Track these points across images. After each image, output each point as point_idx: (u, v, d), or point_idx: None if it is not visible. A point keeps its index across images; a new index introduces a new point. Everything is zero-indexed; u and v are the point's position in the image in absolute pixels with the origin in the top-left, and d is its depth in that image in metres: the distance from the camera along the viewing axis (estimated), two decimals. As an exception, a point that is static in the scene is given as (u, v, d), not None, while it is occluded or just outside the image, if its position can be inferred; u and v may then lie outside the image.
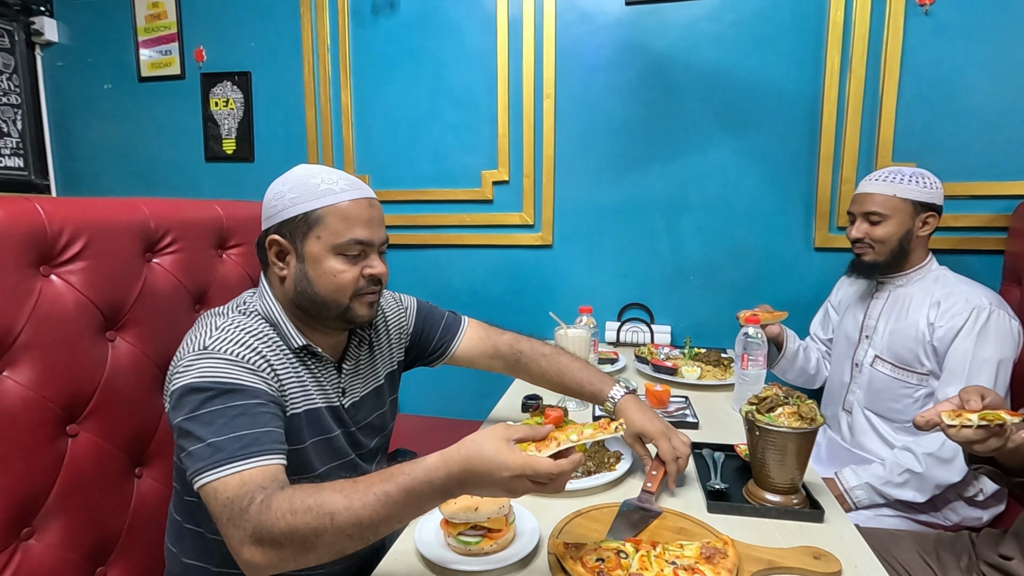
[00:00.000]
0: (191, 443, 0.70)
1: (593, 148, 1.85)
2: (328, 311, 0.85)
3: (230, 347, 0.77)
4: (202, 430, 0.70)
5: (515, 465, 0.60)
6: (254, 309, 0.87)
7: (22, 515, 0.83)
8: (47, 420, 0.86)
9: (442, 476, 0.61)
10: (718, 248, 1.81)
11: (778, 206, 1.75)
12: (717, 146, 1.77)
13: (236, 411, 0.72)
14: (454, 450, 0.63)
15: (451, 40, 1.88)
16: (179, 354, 0.79)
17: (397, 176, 1.98)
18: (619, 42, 1.79)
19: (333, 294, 0.84)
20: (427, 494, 0.62)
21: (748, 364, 1.21)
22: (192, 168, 2.15)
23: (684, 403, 1.26)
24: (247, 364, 0.77)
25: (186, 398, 0.73)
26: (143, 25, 2.11)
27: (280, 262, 0.86)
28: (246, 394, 0.74)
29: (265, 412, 0.74)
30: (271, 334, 0.84)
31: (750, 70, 1.71)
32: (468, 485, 0.62)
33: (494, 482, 0.61)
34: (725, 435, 1.12)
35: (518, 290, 1.95)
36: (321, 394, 0.89)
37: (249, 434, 0.70)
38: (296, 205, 0.83)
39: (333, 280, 0.83)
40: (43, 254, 0.88)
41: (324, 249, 0.82)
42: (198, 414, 0.71)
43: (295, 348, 0.86)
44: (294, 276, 0.84)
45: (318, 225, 0.82)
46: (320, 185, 0.84)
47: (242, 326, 0.81)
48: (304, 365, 0.87)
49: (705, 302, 1.84)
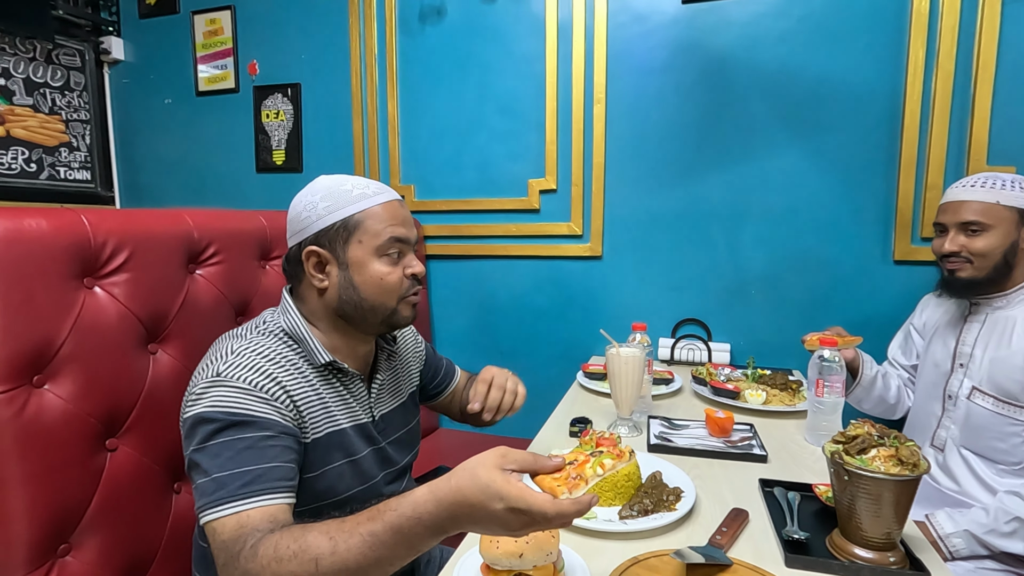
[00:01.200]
0: (198, 476, 0.69)
1: (646, 154, 1.75)
2: (375, 315, 0.84)
3: (243, 373, 0.74)
4: (208, 463, 0.69)
5: (511, 496, 0.52)
6: (277, 327, 0.84)
7: (59, 531, 0.82)
8: (87, 434, 0.85)
9: (431, 511, 0.55)
10: (783, 260, 1.67)
11: (852, 215, 1.60)
12: (782, 151, 1.64)
13: (244, 444, 0.70)
14: (444, 480, 0.56)
15: (498, 45, 1.84)
16: (194, 380, 0.77)
17: (442, 185, 1.95)
18: (674, 42, 1.70)
19: (381, 297, 0.83)
20: (416, 532, 0.56)
21: (824, 391, 1.09)
22: (244, 179, 2.19)
23: (749, 432, 1.15)
24: (260, 392, 0.74)
25: (196, 429, 0.71)
26: (201, 41, 2.17)
27: (319, 273, 0.84)
28: (255, 426, 0.72)
29: (274, 446, 0.72)
30: (291, 355, 0.81)
31: (820, 68, 1.58)
32: (460, 520, 0.55)
33: (488, 515, 0.53)
34: (799, 471, 1.00)
35: (565, 303, 1.87)
36: (347, 413, 0.86)
37: (253, 471, 0.68)
38: (332, 213, 0.82)
39: (380, 283, 0.82)
40: (87, 265, 0.87)
41: (367, 253, 0.82)
42: (206, 446, 0.70)
43: (320, 365, 0.83)
44: (338, 285, 0.82)
45: (358, 229, 0.81)
46: (353, 191, 0.83)
47: (259, 349, 0.78)
48: (328, 384, 0.84)
49: (768, 319, 1.70)
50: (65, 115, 2.19)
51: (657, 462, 0.99)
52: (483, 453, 0.57)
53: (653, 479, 0.90)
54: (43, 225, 0.81)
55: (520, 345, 1.93)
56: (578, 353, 1.83)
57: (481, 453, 0.57)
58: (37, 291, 0.80)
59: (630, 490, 0.87)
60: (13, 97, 2.03)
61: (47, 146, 2.13)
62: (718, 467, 1.01)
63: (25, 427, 0.78)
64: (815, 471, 0.99)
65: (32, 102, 2.09)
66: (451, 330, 2.00)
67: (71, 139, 2.22)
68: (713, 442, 1.10)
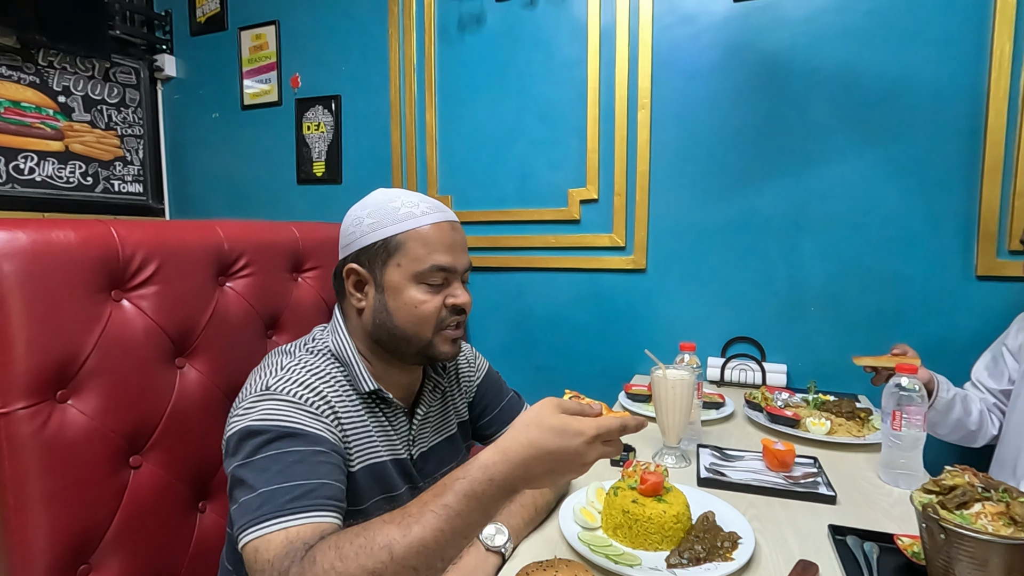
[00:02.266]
0: (242, 492, 0.63)
1: (694, 162, 1.65)
2: (408, 346, 0.78)
3: (293, 388, 0.71)
4: (255, 477, 0.63)
5: (586, 428, 0.57)
6: (325, 347, 0.80)
7: (80, 551, 0.79)
8: (110, 451, 0.83)
9: (503, 471, 0.56)
10: (846, 275, 1.53)
11: (926, 225, 1.45)
12: (846, 157, 1.51)
13: (294, 457, 0.64)
14: (511, 438, 0.57)
15: (538, 51, 1.79)
16: (241, 395, 0.74)
17: (480, 196, 1.90)
18: (725, 44, 1.60)
19: (415, 327, 0.77)
20: (490, 494, 0.56)
21: (902, 424, 0.96)
22: (285, 191, 2.21)
23: (814, 467, 1.03)
24: (309, 408, 0.70)
25: (243, 442, 0.66)
26: (247, 56, 2.22)
27: (358, 293, 0.80)
28: (307, 439, 0.67)
29: (325, 462, 0.66)
30: (339, 377, 0.77)
31: (889, 67, 1.45)
32: (534, 472, 0.57)
33: (568, 455, 0.57)
34: (874, 516, 0.88)
35: (607, 319, 1.78)
36: (387, 446, 0.80)
37: (304, 484, 0.62)
38: (375, 231, 0.77)
39: (414, 312, 0.77)
40: (115, 278, 0.86)
41: (405, 278, 0.76)
42: (253, 460, 0.64)
43: (365, 393, 0.78)
44: (373, 308, 0.78)
45: (398, 252, 0.76)
46: (400, 209, 0.78)
47: (309, 366, 0.75)
48: (371, 413, 0.79)
49: (830, 338, 1.56)
50: (120, 130, 2.28)
51: (708, 499, 0.89)
52: (534, 407, 0.60)
53: (705, 521, 0.81)
54: (71, 237, 0.80)
55: (558, 361, 1.85)
56: (619, 372, 1.74)
57: (531, 408, 0.61)
58: (63, 304, 0.78)
59: (678, 533, 0.78)
60: (72, 114, 2.12)
61: (102, 160, 2.22)
62: (779, 507, 0.90)
63: (47, 443, 0.76)
64: (894, 517, 0.87)
65: (90, 118, 2.17)
66: (486, 344, 1.94)
67: (125, 153, 2.30)
68: (772, 477, 0.99)
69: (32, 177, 2.00)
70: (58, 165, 2.07)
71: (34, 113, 2.00)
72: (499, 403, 1.02)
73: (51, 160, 2.05)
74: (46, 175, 2.04)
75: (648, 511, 0.77)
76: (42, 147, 2.03)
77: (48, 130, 2.04)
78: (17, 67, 1.95)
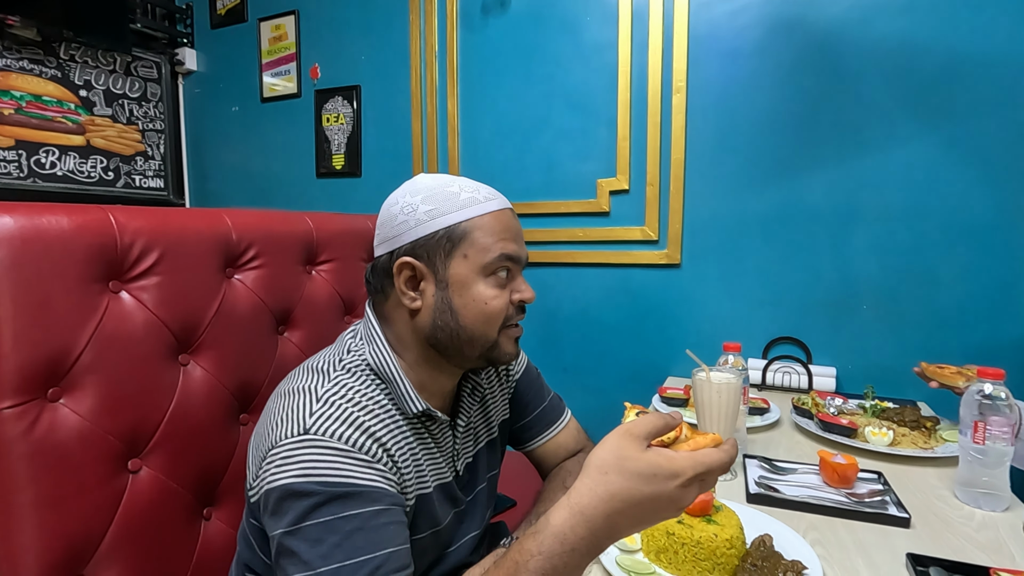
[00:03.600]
0: (295, 567, 0.54)
1: (733, 149, 1.54)
2: (472, 348, 0.69)
3: (339, 429, 0.59)
4: (309, 552, 0.53)
5: (684, 468, 0.47)
6: (363, 361, 0.68)
7: (73, 562, 0.73)
8: (106, 454, 0.76)
9: (584, 535, 0.47)
10: (904, 271, 1.40)
11: (997, 217, 1.32)
12: (905, 142, 1.38)
13: (352, 524, 0.55)
14: (588, 492, 0.47)
15: (566, 35, 1.69)
16: (270, 429, 0.62)
17: (505, 188, 1.76)
18: (768, 21, 1.48)
19: (482, 326, 0.68)
20: (573, 565, 0.47)
21: (985, 436, 0.84)
22: (305, 184, 2.16)
23: (880, 483, 0.92)
24: (361, 454, 0.59)
25: (286, 504, 0.56)
26: (267, 48, 2.18)
27: (412, 291, 0.69)
28: (363, 499, 0.56)
29: (388, 523, 0.57)
30: (383, 401, 0.66)
31: (955, 41, 1.32)
32: (621, 527, 0.48)
33: (662, 502, 0.47)
34: (958, 543, 0.76)
35: (638, 316, 1.67)
36: (434, 470, 0.71)
37: (371, 560, 0.53)
38: (435, 219, 0.67)
39: (484, 309, 0.68)
40: (113, 268, 0.79)
41: (473, 271, 0.67)
42: (302, 527, 0.55)
43: (413, 415, 0.67)
44: (433, 307, 0.68)
45: (464, 241, 0.67)
46: (461, 194, 0.68)
47: (351, 394, 0.64)
48: (418, 436, 0.69)
49: (885, 340, 1.43)
50: (142, 125, 2.26)
51: (761, 519, 0.79)
52: (608, 444, 0.49)
53: (762, 546, 0.71)
54: (64, 223, 0.74)
55: (586, 362, 1.75)
56: (652, 374, 1.63)
57: (604, 444, 0.49)
58: (55, 295, 0.72)
59: (732, 560, 0.68)
60: (94, 108, 2.10)
61: (124, 155, 2.20)
62: (843, 530, 0.80)
63: (37, 445, 0.70)
64: (981, 544, 0.76)
65: (111, 112, 2.16)
66: (511, 343, 1.85)
67: (146, 148, 2.28)
68: (832, 494, 0.88)
69: (54, 172, 1.99)
70: (79, 159, 2.06)
71: (55, 107, 1.99)
72: (540, 403, 0.93)
73: (72, 155, 2.04)
74: (68, 169, 2.03)
75: (697, 534, 0.68)
76: (64, 141, 2.01)
77: (69, 124, 2.03)
78: (39, 61, 1.94)
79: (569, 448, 0.93)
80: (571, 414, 0.96)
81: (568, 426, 0.94)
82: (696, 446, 0.50)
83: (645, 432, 0.49)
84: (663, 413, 0.52)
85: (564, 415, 0.95)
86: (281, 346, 1.03)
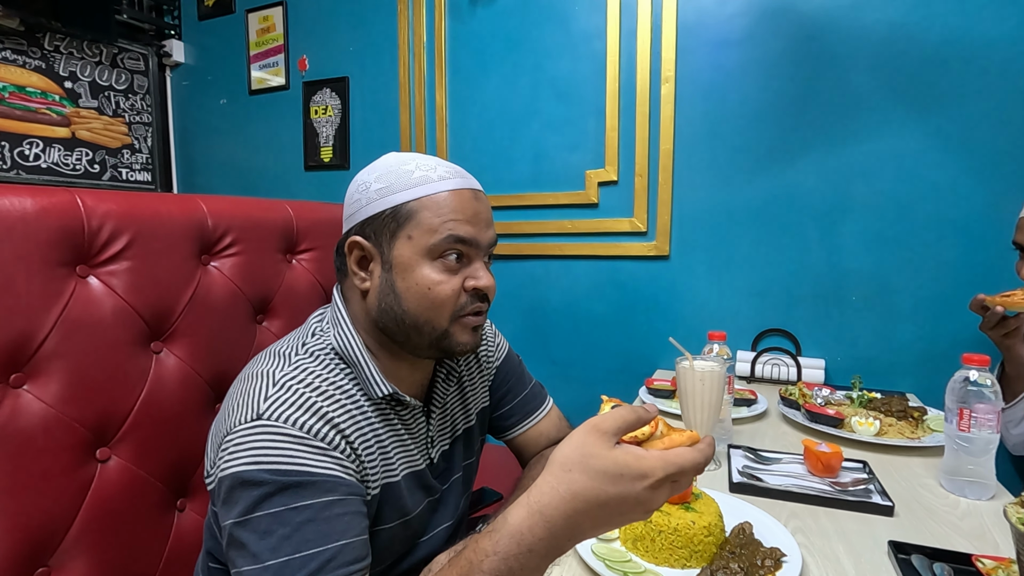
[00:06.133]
0: (244, 560, 0.52)
1: (722, 139, 1.53)
2: (420, 336, 0.66)
3: (292, 414, 0.57)
4: (257, 544, 0.51)
5: (655, 469, 0.43)
6: (326, 344, 0.66)
7: (37, 553, 0.71)
8: (72, 442, 0.74)
9: (542, 536, 0.44)
10: (893, 262, 1.39)
11: (987, 207, 1.31)
12: (894, 131, 1.37)
13: (303, 516, 0.52)
14: (548, 491, 0.44)
15: (554, 25, 1.68)
16: (226, 411, 0.60)
17: (493, 180, 1.80)
18: (758, 8, 1.47)
19: (427, 312, 0.64)
20: (531, 567, 0.45)
21: (970, 424, 0.83)
22: (292, 177, 2.14)
23: (864, 472, 0.91)
24: (315, 440, 0.56)
25: (236, 493, 0.54)
26: (254, 40, 2.15)
27: (362, 271, 0.67)
28: (316, 488, 0.54)
29: (342, 514, 0.55)
30: (345, 383, 0.64)
31: (946, 27, 1.31)
32: (584, 529, 0.45)
33: (627, 504, 0.44)
34: (941, 531, 0.75)
35: (626, 309, 1.66)
36: (405, 457, 0.68)
37: (321, 553, 0.51)
38: (384, 198, 0.64)
39: (427, 294, 0.64)
40: (80, 252, 0.78)
41: (416, 253, 0.64)
42: (251, 518, 0.53)
43: (379, 398, 0.65)
44: (378, 289, 0.66)
45: (409, 222, 0.64)
46: (414, 172, 0.65)
47: (307, 379, 0.61)
48: (386, 421, 0.66)
49: (874, 331, 1.42)
50: (128, 117, 2.23)
51: (743, 507, 0.78)
52: (573, 439, 0.46)
53: (741, 533, 0.69)
54: (27, 204, 0.72)
55: (575, 355, 1.74)
56: (640, 366, 1.62)
57: (569, 440, 0.46)
58: (16, 278, 0.70)
59: (710, 548, 0.67)
60: (79, 100, 2.08)
61: (110, 148, 2.18)
62: (825, 518, 0.78)
63: (-2, 433, 0.68)
64: (964, 532, 0.75)
65: (97, 105, 2.13)
66: (500, 337, 1.84)
67: (133, 141, 2.25)
68: (816, 483, 0.87)
69: (38, 164, 1.97)
70: (64, 152, 2.04)
71: (39, 99, 1.96)
72: (521, 391, 0.90)
73: (57, 147, 2.02)
74: (52, 162, 2.00)
75: (674, 521, 0.66)
76: (48, 133, 1.99)
77: (54, 116, 2.01)
78: (22, 51, 1.91)
79: (551, 437, 0.91)
80: (553, 403, 0.95)
81: (550, 414, 0.92)
82: (670, 444, 0.46)
83: (614, 427, 0.45)
84: (636, 407, 0.48)
85: (546, 403, 0.93)
86: (260, 335, 1.01)
